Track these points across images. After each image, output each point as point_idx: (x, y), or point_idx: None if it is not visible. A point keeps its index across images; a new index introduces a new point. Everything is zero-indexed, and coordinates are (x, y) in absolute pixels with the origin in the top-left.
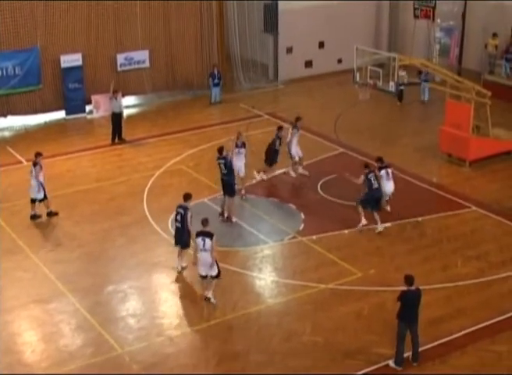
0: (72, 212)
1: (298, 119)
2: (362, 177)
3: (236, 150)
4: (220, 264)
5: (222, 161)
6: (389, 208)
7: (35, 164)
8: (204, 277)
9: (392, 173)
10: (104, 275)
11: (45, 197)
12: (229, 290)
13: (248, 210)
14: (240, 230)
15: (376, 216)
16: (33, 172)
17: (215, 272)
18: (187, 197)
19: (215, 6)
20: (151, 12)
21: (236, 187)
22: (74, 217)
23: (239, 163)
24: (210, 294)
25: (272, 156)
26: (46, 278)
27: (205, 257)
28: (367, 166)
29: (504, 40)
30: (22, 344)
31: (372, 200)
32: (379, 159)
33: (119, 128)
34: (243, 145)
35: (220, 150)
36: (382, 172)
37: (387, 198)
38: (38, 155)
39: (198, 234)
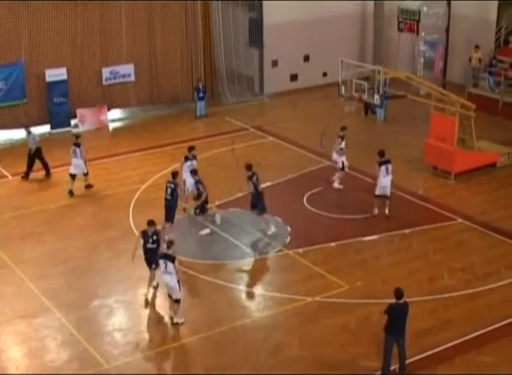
0: (57, 226)
1: (343, 128)
2: (248, 182)
3: (189, 163)
4: (206, 277)
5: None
6: (387, 211)
7: (78, 144)
8: (170, 296)
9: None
10: (90, 290)
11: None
12: (215, 303)
13: (234, 223)
14: (227, 244)
15: (265, 216)
16: (78, 152)
17: (177, 296)
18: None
19: (200, 20)
20: (136, 26)
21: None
22: (59, 232)
23: (190, 179)
24: (175, 317)
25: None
26: (31, 293)
27: (168, 279)
28: (249, 168)
29: (487, 53)
30: (7, 360)
31: (258, 203)
32: (380, 153)
33: (42, 162)
34: (195, 158)
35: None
36: (382, 167)
37: (381, 192)
38: (78, 136)
39: (161, 257)
